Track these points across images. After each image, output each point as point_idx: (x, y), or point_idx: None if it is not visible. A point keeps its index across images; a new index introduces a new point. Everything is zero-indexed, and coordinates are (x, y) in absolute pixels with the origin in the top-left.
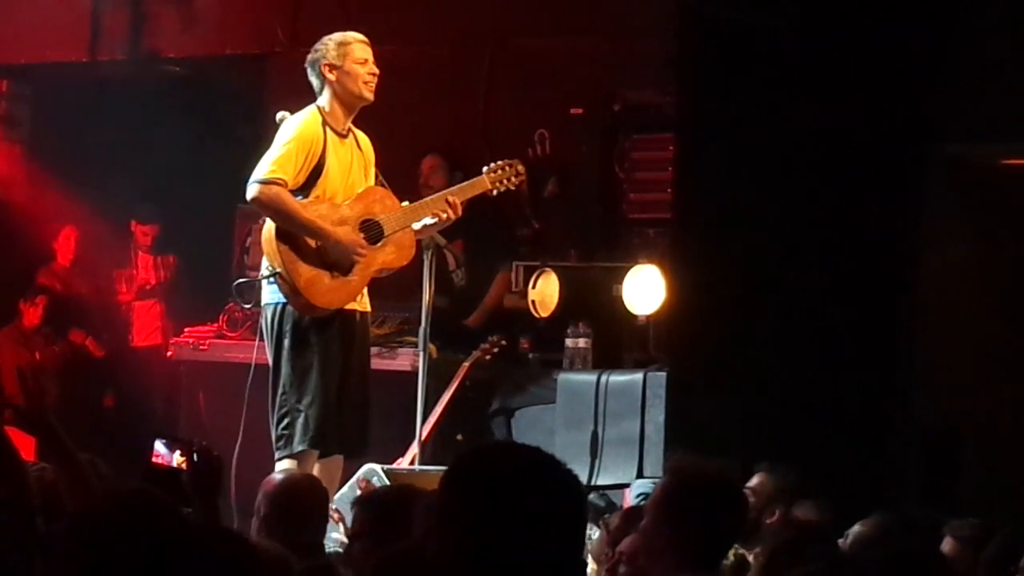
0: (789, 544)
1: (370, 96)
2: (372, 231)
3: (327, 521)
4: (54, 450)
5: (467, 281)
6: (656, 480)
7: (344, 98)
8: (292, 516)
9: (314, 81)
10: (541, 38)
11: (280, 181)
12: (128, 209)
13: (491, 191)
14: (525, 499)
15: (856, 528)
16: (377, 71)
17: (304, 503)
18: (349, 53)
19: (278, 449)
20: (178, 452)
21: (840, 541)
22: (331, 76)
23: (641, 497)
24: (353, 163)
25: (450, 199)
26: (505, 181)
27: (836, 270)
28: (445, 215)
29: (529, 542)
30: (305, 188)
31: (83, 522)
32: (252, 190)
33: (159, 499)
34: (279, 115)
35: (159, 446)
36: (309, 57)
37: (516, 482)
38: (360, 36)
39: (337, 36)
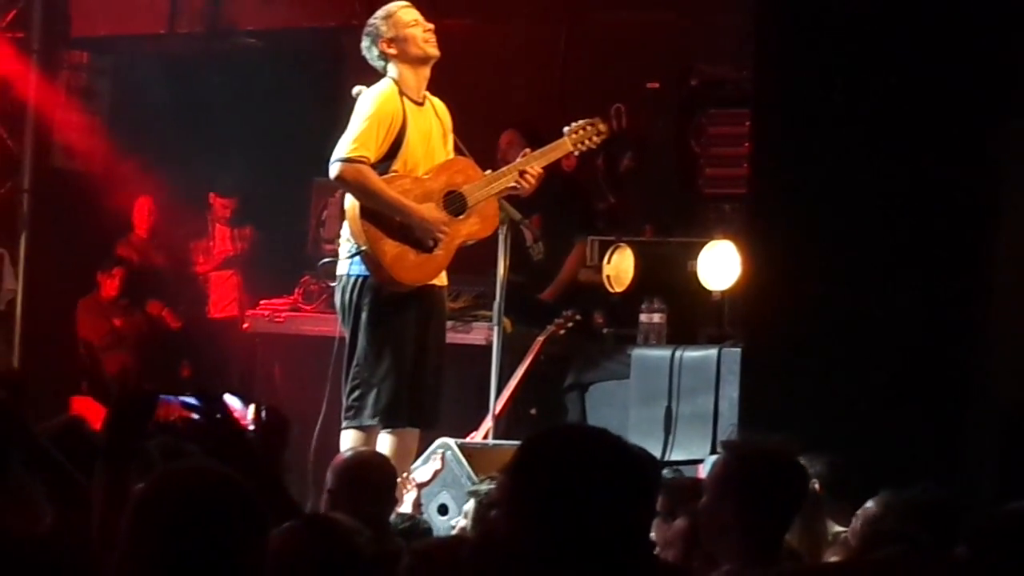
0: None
1: (435, 51)
2: (456, 203)
3: (394, 497)
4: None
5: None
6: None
7: (412, 64)
8: (359, 492)
9: (377, 64)
10: (618, 12)
11: (363, 158)
12: (206, 181)
13: (573, 152)
14: (593, 481)
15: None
16: (431, 26)
17: (372, 479)
18: (398, 21)
19: (346, 419)
20: (251, 407)
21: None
22: (392, 50)
23: None
24: (432, 130)
25: (528, 170)
26: (587, 141)
27: (913, 246)
28: (526, 185)
29: (597, 523)
30: (386, 160)
31: (153, 502)
32: (335, 169)
33: (225, 476)
34: (355, 89)
35: (231, 400)
36: (363, 45)
37: (584, 464)
38: (402, 2)
39: (381, 11)
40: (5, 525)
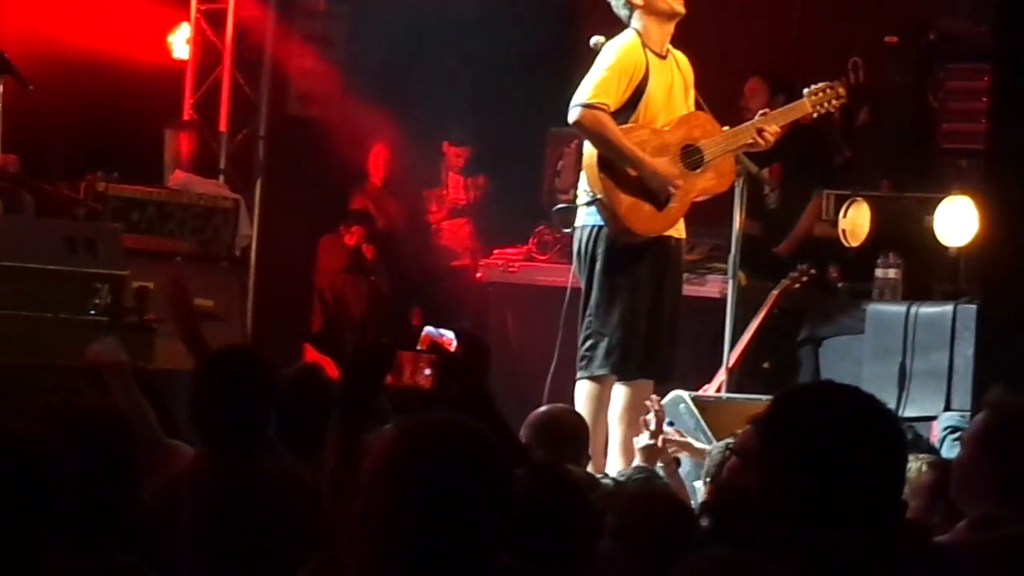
0: None
1: (682, 8)
2: (693, 157)
3: (586, 452)
4: None
5: (781, 206)
6: (964, 414)
7: (657, 18)
8: (551, 447)
9: (622, 12)
10: None
11: (603, 106)
12: (440, 130)
13: (812, 114)
14: (847, 439)
15: None
16: None
17: (562, 434)
18: None
19: (580, 369)
20: (451, 333)
21: None
22: (639, 1)
23: (948, 430)
24: (674, 84)
25: (766, 128)
26: (826, 104)
27: None
28: (763, 143)
29: (850, 481)
30: (626, 110)
31: (401, 455)
32: (574, 113)
33: (470, 427)
34: (593, 40)
35: (429, 329)
36: None
37: (839, 422)
38: None
39: None
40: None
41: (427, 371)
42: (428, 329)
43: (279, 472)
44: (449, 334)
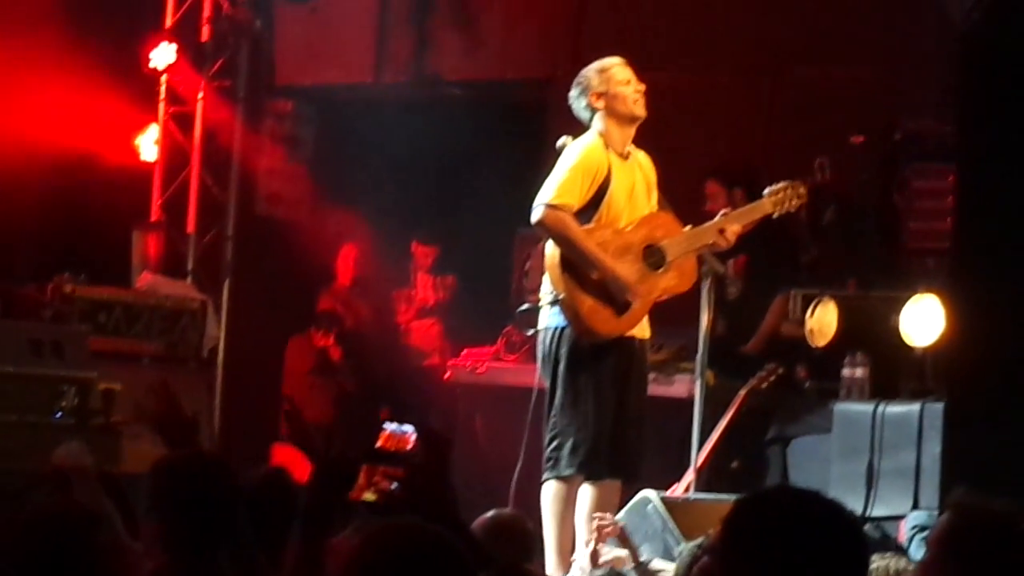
0: None
1: (642, 112)
2: (655, 256)
3: (535, 554)
4: None
5: (747, 303)
6: (931, 512)
7: (618, 121)
8: (499, 551)
9: (583, 115)
10: (821, 66)
11: (566, 206)
12: (408, 229)
13: (772, 213)
14: (807, 546)
15: None
16: (643, 87)
17: (509, 537)
18: (611, 77)
19: (547, 470)
20: (412, 428)
21: None
22: (600, 103)
23: (916, 529)
24: (636, 184)
25: (728, 229)
26: (787, 203)
27: None
28: (724, 244)
29: None
30: (589, 210)
31: (369, 562)
32: (537, 212)
33: (436, 533)
34: (561, 141)
35: (390, 426)
36: (573, 92)
37: (799, 531)
38: (616, 59)
39: (595, 65)
40: None
41: (393, 485)
42: (389, 426)
43: None
44: (409, 429)
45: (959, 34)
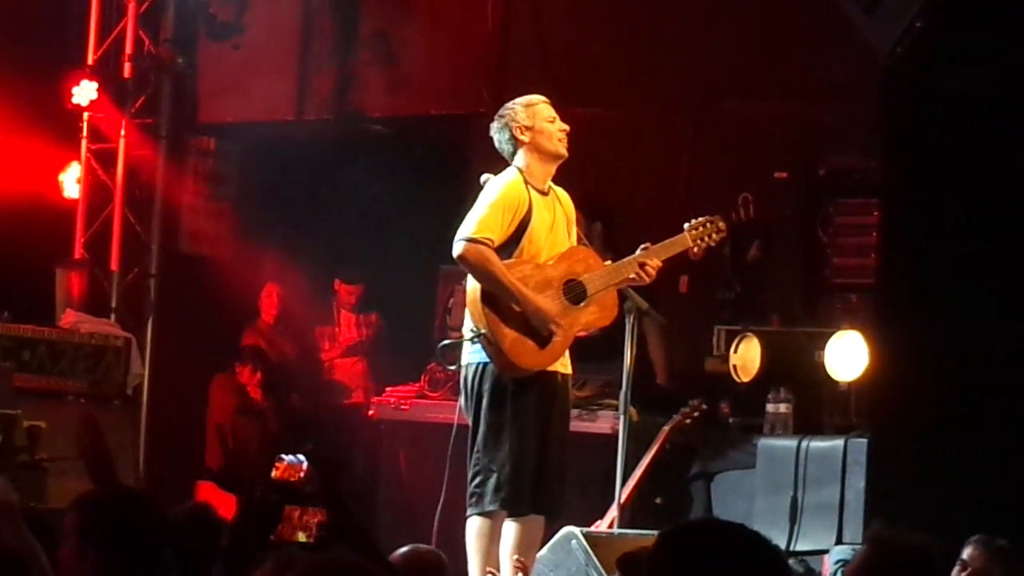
0: None
1: (564, 152)
2: (575, 291)
3: None
4: None
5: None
6: (855, 547)
7: (541, 157)
8: None
9: (505, 147)
10: (746, 102)
11: (487, 241)
12: (332, 267)
13: (692, 248)
14: None
15: None
16: (567, 127)
17: (423, 570)
18: (537, 113)
19: (470, 507)
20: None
21: None
22: (524, 137)
23: (840, 564)
24: (556, 219)
25: (648, 262)
26: (707, 238)
27: None
28: (646, 278)
29: None
30: (510, 246)
31: None
32: (459, 247)
33: (362, 567)
34: (483, 177)
35: (286, 457)
36: (495, 124)
37: (723, 562)
38: (542, 97)
39: (521, 100)
40: None
41: (316, 523)
42: (286, 457)
43: None
44: (303, 459)
45: (883, 70)
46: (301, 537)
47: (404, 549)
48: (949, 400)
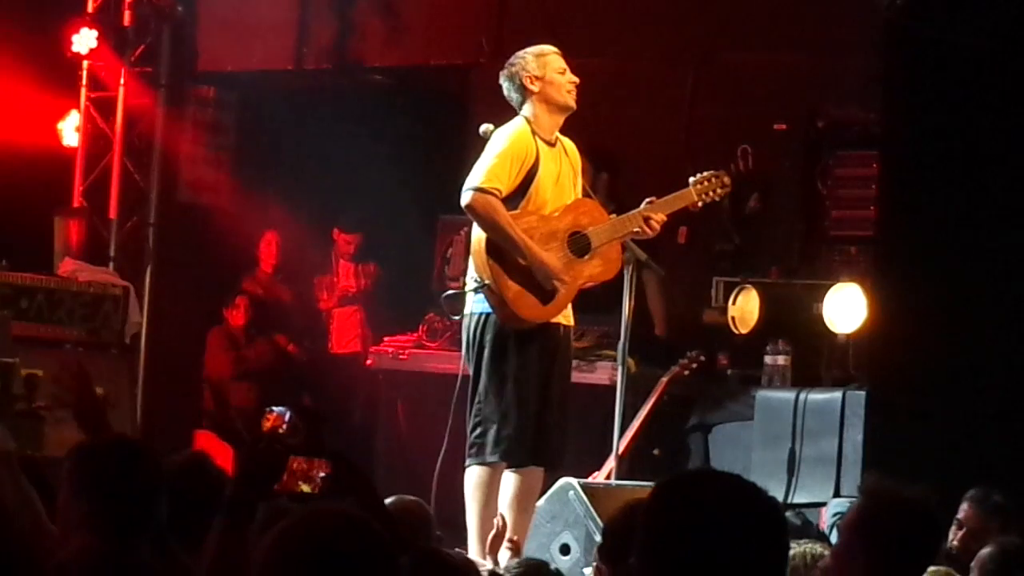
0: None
1: (573, 104)
2: (580, 244)
3: (432, 538)
4: None
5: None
6: (852, 500)
7: (549, 108)
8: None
9: (514, 96)
10: (746, 53)
11: (495, 191)
12: (330, 217)
13: (697, 203)
14: (728, 530)
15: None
16: (576, 79)
17: (408, 520)
18: (548, 63)
19: (469, 457)
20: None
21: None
22: (534, 87)
23: (837, 516)
24: (562, 171)
25: (653, 216)
26: (711, 193)
27: None
28: (650, 232)
29: (731, 571)
30: (516, 197)
31: (294, 545)
32: (467, 197)
33: (361, 519)
34: (483, 128)
35: (276, 409)
36: (505, 72)
37: (719, 512)
38: (553, 47)
39: (533, 49)
40: None
41: (320, 475)
42: (275, 408)
43: (163, 566)
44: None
45: (883, 21)
46: (305, 488)
47: (389, 500)
48: (947, 353)
